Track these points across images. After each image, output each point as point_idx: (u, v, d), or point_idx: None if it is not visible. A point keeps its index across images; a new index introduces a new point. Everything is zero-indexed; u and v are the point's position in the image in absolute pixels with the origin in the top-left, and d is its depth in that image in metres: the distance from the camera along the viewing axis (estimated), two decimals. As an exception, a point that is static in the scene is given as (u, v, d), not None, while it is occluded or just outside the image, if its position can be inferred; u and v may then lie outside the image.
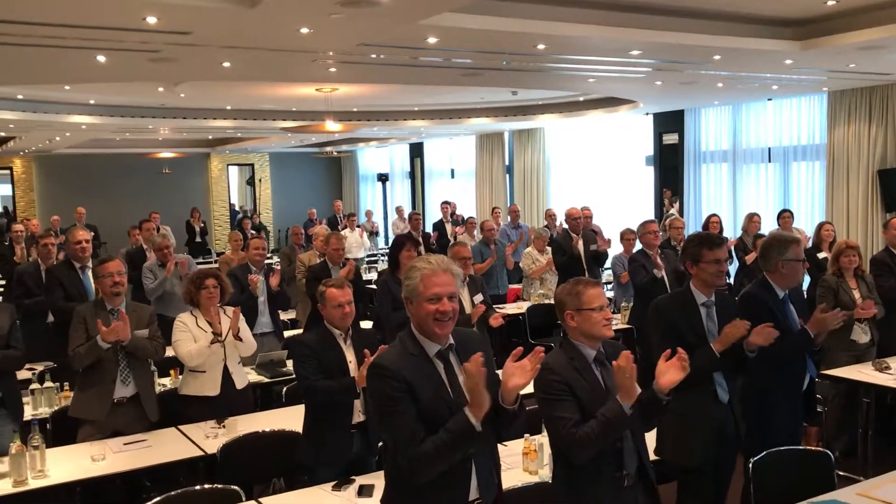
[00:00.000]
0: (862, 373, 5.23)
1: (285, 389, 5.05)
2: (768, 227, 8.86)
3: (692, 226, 12.03)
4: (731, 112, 12.22)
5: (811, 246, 7.50)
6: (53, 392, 4.94)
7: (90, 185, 18.53)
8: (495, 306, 6.74)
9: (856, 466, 4.97)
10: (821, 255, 7.24)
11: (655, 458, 3.57)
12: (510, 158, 16.54)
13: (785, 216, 8.77)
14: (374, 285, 8.57)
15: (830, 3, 6.53)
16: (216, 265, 9.51)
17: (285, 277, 7.53)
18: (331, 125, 11.63)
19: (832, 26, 7.07)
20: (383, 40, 6.51)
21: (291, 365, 5.05)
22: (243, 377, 4.85)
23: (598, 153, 14.64)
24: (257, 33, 6.05)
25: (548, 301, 7.95)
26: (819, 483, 3.45)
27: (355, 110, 13.55)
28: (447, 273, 2.53)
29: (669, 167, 13.07)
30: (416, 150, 19.49)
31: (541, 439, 3.69)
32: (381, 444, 3.79)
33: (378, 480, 3.33)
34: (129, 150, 18.51)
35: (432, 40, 6.46)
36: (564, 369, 2.80)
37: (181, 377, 4.87)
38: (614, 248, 8.48)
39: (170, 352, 4.78)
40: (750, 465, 3.45)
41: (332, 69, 7.91)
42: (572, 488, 2.84)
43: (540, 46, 6.89)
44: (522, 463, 3.73)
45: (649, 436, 3.17)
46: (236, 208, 21.41)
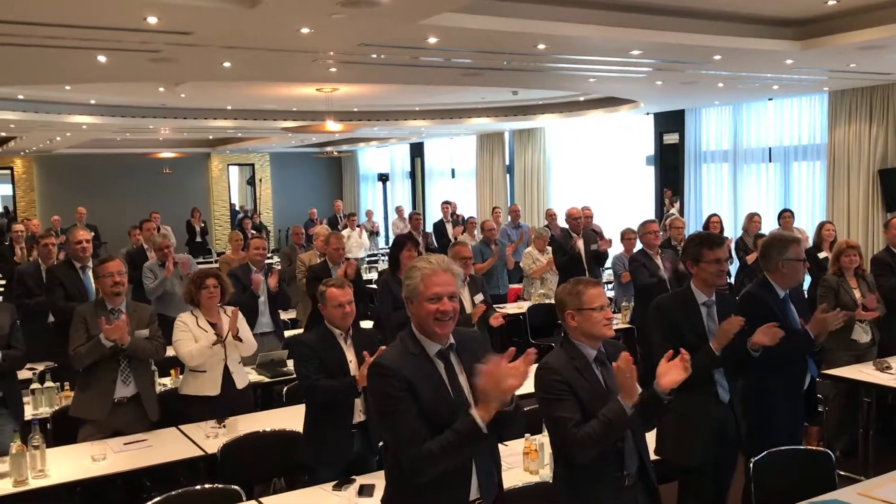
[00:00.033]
0: (863, 372, 5.23)
1: (286, 389, 5.05)
2: (769, 227, 8.85)
3: (693, 225, 12.03)
4: (731, 112, 12.21)
5: (812, 246, 7.50)
6: (54, 392, 4.94)
7: (91, 185, 18.53)
8: (496, 306, 6.75)
9: (857, 466, 4.97)
10: (821, 254, 7.23)
11: (656, 458, 3.57)
12: (510, 158, 16.53)
13: (785, 216, 8.77)
14: (374, 285, 8.58)
15: (831, 2, 6.53)
16: (216, 265, 9.51)
17: (285, 277, 7.53)
18: (331, 125, 11.63)
19: (833, 26, 7.07)
20: (384, 40, 6.51)
21: (292, 365, 5.06)
22: (244, 377, 4.85)
23: (598, 153, 14.62)
24: (258, 33, 6.05)
25: (548, 301, 7.94)
26: (820, 483, 3.45)
27: (356, 110, 13.54)
28: (447, 273, 2.53)
29: (670, 167, 13.06)
30: (417, 150, 19.48)
31: (541, 439, 3.69)
32: (381, 444, 3.79)
33: (379, 480, 3.33)
34: (129, 150, 18.50)
35: (433, 40, 6.46)
36: (565, 369, 2.80)
37: (181, 377, 4.88)
38: (615, 247, 8.48)
39: (170, 351, 4.78)
40: (751, 465, 3.45)
41: (333, 69, 7.91)
42: (573, 488, 2.84)
43: (540, 46, 6.89)
44: (523, 462, 3.73)
45: (649, 435, 3.17)
46: (237, 208, 21.40)
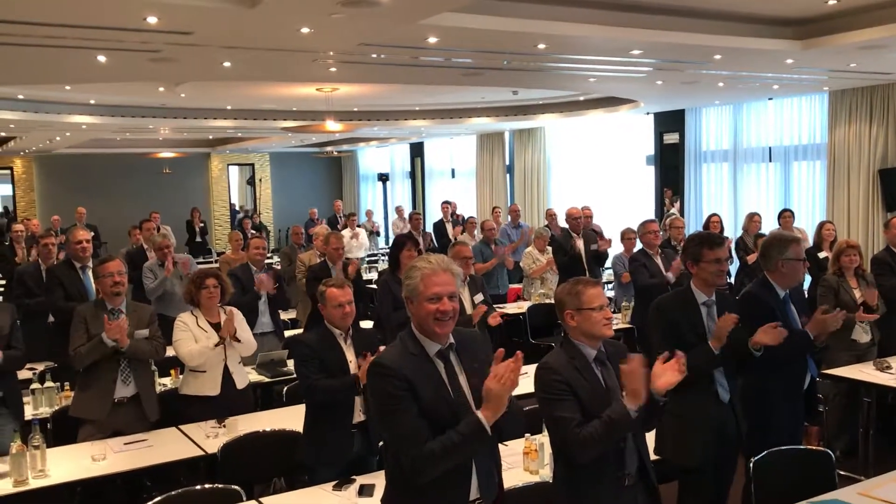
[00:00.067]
0: (863, 372, 5.23)
1: (286, 389, 5.05)
2: (769, 227, 8.85)
3: (693, 225, 12.03)
4: (731, 111, 12.21)
5: (812, 245, 7.50)
6: (54, 392, 4.94)
7: (90, 184, 18.53)
8: (496, 306, 6.74)
9: (857, 466, 4.96)
10: (821, 254, 7.22)
11: (656, 458, 3.57)
12: (511, 158, 16.53)
13: (786, 216, 8.77)
14: (374, 285, 8.58)
15: (831, 2, 6.52)
16: (216, 265, 9.51)
17: (285, 277, 7.53)
18: (331, 125, 11.63)
19: (833, 26, 7.07)
20: (384, 40, 6.51)
21: (292, 364, 5.06)
22: (244, 377, 4.85)
23: (598, 153, 14.61)
24: (258, 33, 6.05)
25: (548, 301, 7.94)
26: (820, 483, 3.45)
27: (356, 110, 13.54)
28: (447, 272, 2.54)
29: (670, 167, 13.05)
30: (417, 150, 19.47)
31: (541, 439, 3.69)
32: (381, 444, 3.79)
33: (379, 480, 3.33)
34: (129, 150, 18.50)
35: (433, 40, 6.46)
36: (565, 369, 2.79)
37: (181, 377, 4.88)
38: (615, 247, 8.48)
39: (170, 351, 4.78)
40: (751, 465, 3.45)
41: (333, 69, 7.91)
42: (573, 488, 2.84)
43: (540, 46, 6.89)
44: (523, 462, 3.72)
45: (649, 435, 3.17)
46: (237, 208, 21.41)
